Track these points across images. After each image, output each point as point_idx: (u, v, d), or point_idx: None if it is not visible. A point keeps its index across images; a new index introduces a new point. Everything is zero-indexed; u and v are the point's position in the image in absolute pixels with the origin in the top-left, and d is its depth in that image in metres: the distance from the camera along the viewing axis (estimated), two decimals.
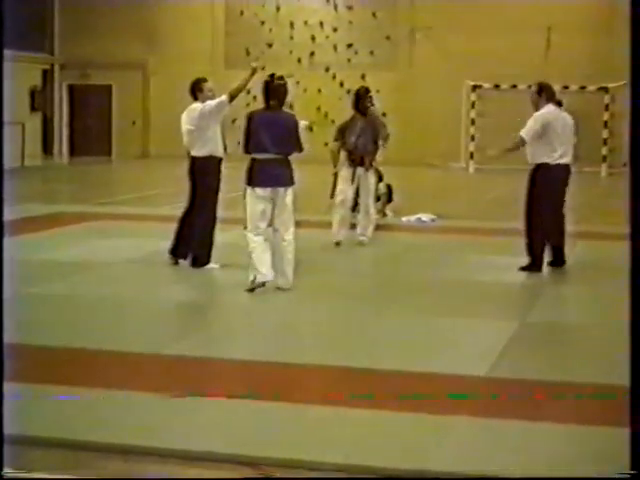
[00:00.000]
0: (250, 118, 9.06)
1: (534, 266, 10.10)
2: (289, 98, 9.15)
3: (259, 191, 8.89)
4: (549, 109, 10.02)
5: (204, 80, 10.36)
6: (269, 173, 8.86)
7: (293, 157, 9.14)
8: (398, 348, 7.16)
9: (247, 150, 9.05)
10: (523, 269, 10.15)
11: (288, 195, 8.97)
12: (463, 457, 4.94)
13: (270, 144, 8.87)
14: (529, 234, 10.15)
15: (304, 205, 9.29)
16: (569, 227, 10.34)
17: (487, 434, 5.28)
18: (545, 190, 9.92)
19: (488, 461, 4.88)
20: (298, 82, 9.31)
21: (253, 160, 8.96)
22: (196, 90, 10.27)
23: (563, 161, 9.95)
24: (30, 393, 5.63)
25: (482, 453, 5.00)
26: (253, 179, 8.92)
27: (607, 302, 8.90)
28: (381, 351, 7.07)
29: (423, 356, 6.91)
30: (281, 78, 9.02)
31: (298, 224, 9.27)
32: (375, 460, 4.83)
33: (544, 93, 10.10)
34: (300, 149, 9.16)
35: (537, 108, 10.08)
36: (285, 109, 9.17)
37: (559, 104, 10.20)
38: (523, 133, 9.96)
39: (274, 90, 8.97)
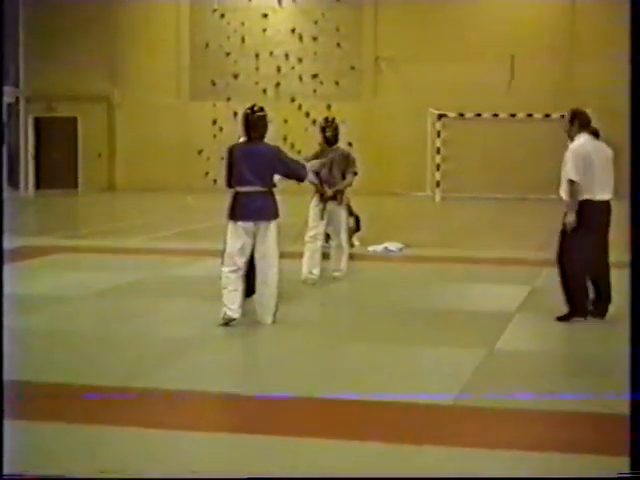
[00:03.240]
0: (231, 151, 8.96)
1: (577, 314, 9.13)
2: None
3: (241, 225, 8.81)
4: (584, 139, 9.01)
5: None
6: (251, 206, 8.75)
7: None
8: (367, 377, 7.14)
9: (229, 184, 8.94)
10: (561, 319, 9.11)
11: (270, 229, 8.83)
12: None
13: (251, 176, 8.76)
14: (565, 281, 9.15)
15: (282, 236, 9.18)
16: (536, 256, 10.24)
17: (451, 463, 5.27)
18: (579, 229, 8.93)
19: None
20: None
21: (236, 193, 8.88)
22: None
23: (602, 197, 9.00)
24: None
25: None
26: (235, 213, 8.84)
27: (576, 330, 8.92)
28: (350, 381, 7.05)
29: (391, 385, 6.90)
30: (261, 110, 8.91)
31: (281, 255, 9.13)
32: None
33: (577, 120, 9.07)
34: (298, 178, 9.09)
35: (571, 138, 9.07)
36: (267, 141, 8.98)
37: (595, 134, 9.18)
38: (571, 176, 8.85)
39: (254, 122, 8.84)
